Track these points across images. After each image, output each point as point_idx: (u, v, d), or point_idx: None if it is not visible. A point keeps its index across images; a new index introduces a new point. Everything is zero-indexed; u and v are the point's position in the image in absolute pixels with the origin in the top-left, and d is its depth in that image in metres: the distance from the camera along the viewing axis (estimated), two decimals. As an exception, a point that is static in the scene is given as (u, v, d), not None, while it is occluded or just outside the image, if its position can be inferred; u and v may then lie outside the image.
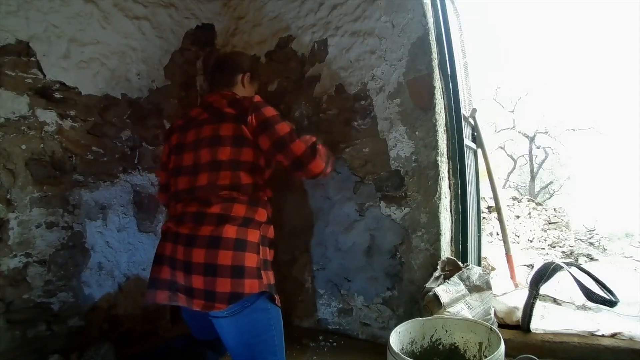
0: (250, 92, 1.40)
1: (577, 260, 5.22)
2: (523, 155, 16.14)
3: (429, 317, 1.35)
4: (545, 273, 1.61)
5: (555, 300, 1.83)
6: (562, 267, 1.61)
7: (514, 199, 7.67)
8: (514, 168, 16.14)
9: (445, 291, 1.45)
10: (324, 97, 1.89)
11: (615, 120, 22.34)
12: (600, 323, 1.55)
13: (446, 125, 1.72)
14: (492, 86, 16.80)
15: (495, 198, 2.67)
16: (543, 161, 15.88)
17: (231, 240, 1.05)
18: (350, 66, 1.81)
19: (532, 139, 15.59)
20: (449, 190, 1.72)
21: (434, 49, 1.66)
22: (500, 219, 2.70)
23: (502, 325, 1.64)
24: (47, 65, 1.58)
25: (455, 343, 1.30)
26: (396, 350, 1.11)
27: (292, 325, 1.97)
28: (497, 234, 5.86)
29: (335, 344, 1.77)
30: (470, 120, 2.30)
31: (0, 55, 1.46)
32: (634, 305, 1.69)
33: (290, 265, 2.00)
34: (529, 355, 1.33)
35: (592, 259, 5.49)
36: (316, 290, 1.94)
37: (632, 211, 11.51)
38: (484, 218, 5.65)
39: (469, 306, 1.45)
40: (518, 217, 7.11)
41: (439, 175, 1.62)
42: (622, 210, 12.30)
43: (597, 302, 1.59)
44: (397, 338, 1.23)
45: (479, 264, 2.16)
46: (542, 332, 1.56)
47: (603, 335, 1.49)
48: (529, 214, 7.14)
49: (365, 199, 1.79)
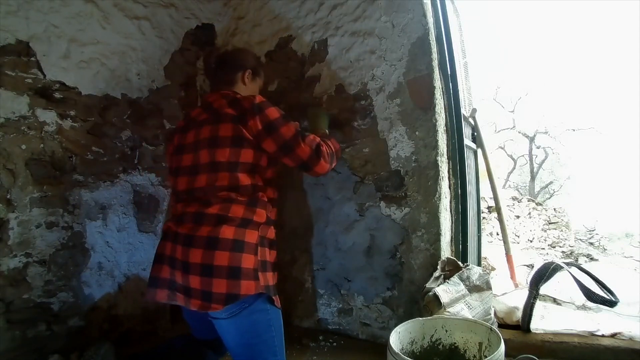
0: (253, 89, 1.38)
1: (577, 260, 5.22)
2: (523, 155, 16.14)
3: (429, 317, 1.35)
4: (545, 273, 1.61)
5: (555, 300, 1.83)
6: (562, 267, 1.61)
7: (514, 199, 7.67)
8: (514, 168, 16.14)
9: (445, 291, 1.45)
10: (324, 97, 1.89)
11: (615, 120, 22.37)
12: (600, 323, 1.55)
13: (446, 125, 1.72)
14: (492, 86, 16.82)
15: (495, 198, 2.67)
16: (543, 161, 15.88)
17: (228, 241, 1.05)
18: (350, 66, 1.81)
19: (532, 139, 15.59)
20: (449, 190, 1.72)
21: (434, 49, 1.66)
22: (500, 219, 2.70)
23: (502, 325, 1.64)
24: (47, 65, 1.58)
25: (455, 343, 1.30)
26: (396, 350, 1.11)
27: (292, 325, 1.97)
28: (497, 234, 5.86)
29: (335, 344, 1.77)
30: (470, 120, 2.30)
31: (0, 55, 1.46)
32: (634, 305, 1.69)
33: (290, 265, 2.00)
34: (529, 355, 1.33)
35: (592, 259, 5.49)
36: (316, 290, 1.94)
37: (632, 211, 11.51)
38: (484, 218, 5.65)
39: (469, 306, 1.45)
40: (518, 217, 7.11)
41: (439, 175, 1.62)
42: (622, 210, 12.31)
43: (597, 302, 1.59)
44: (397, 338, 1.23)
45: (479, 264, 2.16)
46: (542, 332, 1.56)
47: (603, 335, 1.49)
48: (529, 214, 7.14)
49: (365, 199, 1.79)
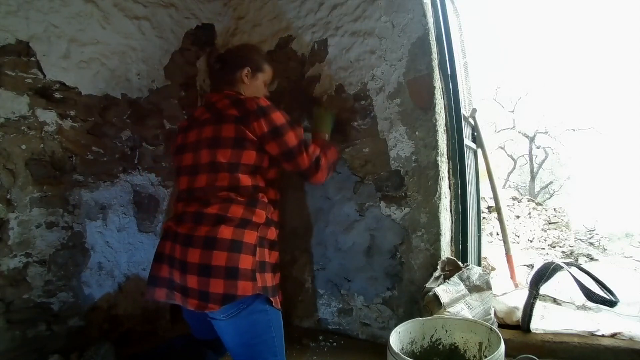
0: (257, 86, 1.35)
1: (577, 260, 5.22)
2: (523, 155, 16.15)
3: (429, 317, 1.35)
4: (545, 273, 1.61)
5: (555, 300, 1.83)
6: (562, 267, 1.61)
7: (514, 199, 7.68)
8: (514, 168, 16.14)
9: (445, 291, 1.45)
10: (324, 97, 1.89)
11: (615, 120, 22.38)
12: (600, 323, 1.55)
13: (446, 125, 1.72)
14: (492, 86, 16.83)
15: (495, 198, 2.67)
16: (543, 161, 15.89)
17: (226, 241, 1.05)
18: (350, 66, 1.81)
19: (532, 139, 15.60)
20: (449, 190, 1.72)
21: (434, 49, 1.66)
22: (500, 219, 2.70)
23: (502, 325, 1.64)
24: (47, 65, 1.58)
25: (455, 343, 1.29)
26: (396, 350, 1.11)
27: (292, 325, 1.97)
28: (497, 234, 5.86)
29: (335, 344, 1.77)
30: (470, 120, 2.30)
31: (0, 55, 1.46)
32: (634, 305, 1.69)
33: (290, 265, 2.00)
34: (529, 355, 1.33)
35: (592, 259, 5.49)
36: (316, 290, 1.94)
37: (632, 211, 11.52)
38: (484, 218, 5.65)
39: (469, 306, 1.45)
40: (518, 217, 7.11)
41: (439, 175, 1.62)
42: (622, 210, 12.31)
43: (597, 302, 1.59)
44: (397, 338, 1.23)
45: (479, 264, 2.16)
46: (542, 332, 1.56)
47: (603, 335, 1.49)
48: (529, 214, 7.14)
49: (365, 199, 1.79)
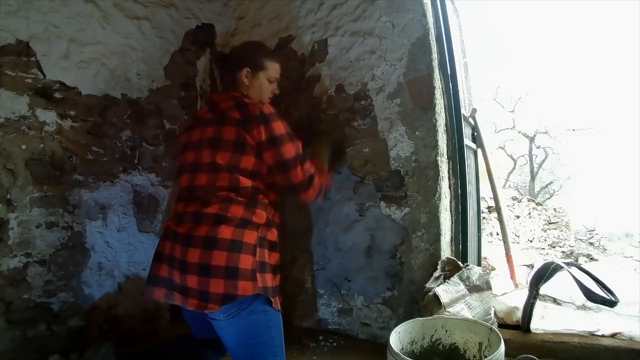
0: (259, 85, 1.33)
1: (577, 260, 5.22)
2: (523, 155, 16.15)
3: (429, 317, 1.35)
4: (545, 273, 1.61)
5: (555, 300, 1.83)
6: (562, 267, 1.61)
7: (514, 199, 7.67)
8: (514, 168, 16.14)
9: (445, 291, 1.45)
10: (324, 97, 1.89)
11: (615, 120, 22.38)
12: (600, 323, 1.55)
13: (446, 125, 1.72)
14: (492, 86, 16.85)
15: (495, 198, 2.67)
16: (543, 161, 15.88)
17: (226, 241, 1.05)
18: (350, 66, 1.81)
19: (532, 139, 15.59)
20: (449, 190, 1.72)
21: (434, 49, 1.66)
22: (500, 219, 2.70)
23: (502, 325, 1.64)
24: (47, 65, 1.58)
25: (455, 343, 1.29)
26: (396, 350, 1.11)
27: (292, 325, 1.97)
28: (497, 234, 5.86)
29: (335, 344, 1.77)
30: (470, 120, 2.30)
31: (0, 55, 1.46)
32: (634, 305, 1.69)
33: (290, 265, 2.00)
34: (529, 355, 1.33)
35: (592, 259, 5.48)
36: (316, 290, 1.94)
37: (632, 211, 11.52)
38: (484, 218, 5.65)
39: (469, 306, 1.45)
40: (518, 217, 7.11)
41: (439, 175, 1.62)
42: (622, 210, 12.31)
43: (597, 302, 1.59)
44: (397, 338, 1.22)
45: (479, 264, 2.16)
46: (542, 332, 1.56)
47: (603, 335, 1.49)
48: (529, 214, 7.14)
49: (365, 199, 1.79)
